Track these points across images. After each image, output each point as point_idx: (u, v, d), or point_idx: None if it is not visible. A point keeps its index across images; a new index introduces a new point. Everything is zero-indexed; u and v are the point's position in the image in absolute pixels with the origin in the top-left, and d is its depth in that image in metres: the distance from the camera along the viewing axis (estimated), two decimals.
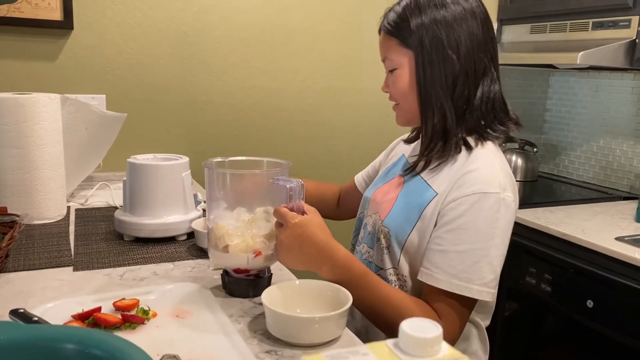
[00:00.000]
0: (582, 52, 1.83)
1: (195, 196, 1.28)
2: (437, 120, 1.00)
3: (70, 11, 1.71)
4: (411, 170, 1.05)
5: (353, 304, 0.84)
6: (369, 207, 1.14)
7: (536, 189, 2.30)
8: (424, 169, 1.03)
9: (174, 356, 0.68)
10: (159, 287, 0.97)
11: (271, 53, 2.05)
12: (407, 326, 0.36)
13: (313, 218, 0.91)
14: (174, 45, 1.90)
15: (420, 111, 1.01)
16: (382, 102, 2.25)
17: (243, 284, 0.95)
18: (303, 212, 0.91)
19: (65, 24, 1.71)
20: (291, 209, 0.90)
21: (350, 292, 0.85)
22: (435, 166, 1.01)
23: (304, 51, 2.09)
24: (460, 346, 1.03)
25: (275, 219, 0.92)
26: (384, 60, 1.06)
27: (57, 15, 1.70)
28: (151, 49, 1.87)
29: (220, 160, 0.99)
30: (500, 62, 2.48)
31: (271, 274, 0.99)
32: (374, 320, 0.94)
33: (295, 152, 2.14)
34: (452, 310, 0.91)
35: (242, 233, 0.93)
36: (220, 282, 0.99)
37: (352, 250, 1.19)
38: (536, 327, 1.78)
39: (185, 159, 1.25)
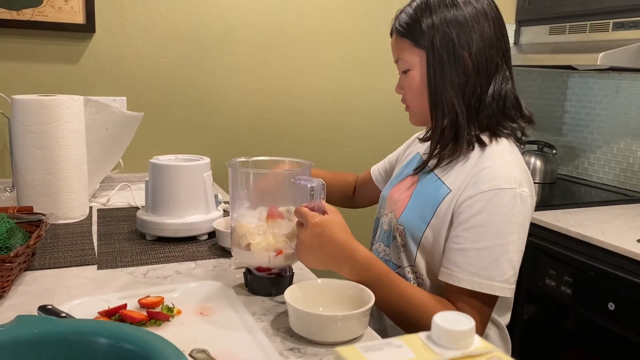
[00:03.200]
0: (602, 53, 1.81)
1: (216, 196, 1.29)
2: (448, 119, 1.00)
3: (92, 14, 1.74)
4: (422, 167, 1.06)
5: (375, 303, 0.84)
6: (385, 206, 1.15)
7: (555, 191, 2.28)
8: (435, 167, 1.04)
9: (203, 350, 0.69)
10: (182, 285, 0.98)
11: (287, 55, 2.06)
12: (440, 319, 0.36)
13: (333, 218, 0.91)
14: (193, 48, 1.92)
15: (431, 110, 1.02)
16: (398, 103, 2.24)
17: (265, 282, 0.96)
18: (324, 212, 0.91)
19: (87, 27, 1.74)
20: (312, 209, 0.91)
21: (372, 291, 0.85)
22: (447, 163, 1.02)
23: (319, 53, 2.10)
24: None
25: (297, 219, 0.92)
26: (397, 62, 1.07)
27: (79, 18, 1.73)
28: (170, 52, 1.89)
29: (243, 159, 1.00)
30: (518, 63, 2.47)
31: (293, 273, 0.99)
32: (397, 320, 0.94)
33: (311, 153, 2.15)
34: (474, 308, 0.91)
35: (263, 232, 0.94)
36: (242, 281, 1.00)
37: (370, 248, 1.19)
38: (556, 330, 1.76)
39: (206, 160, 1.27)
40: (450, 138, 1.01)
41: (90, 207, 1.48)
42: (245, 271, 0.99)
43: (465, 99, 1.00)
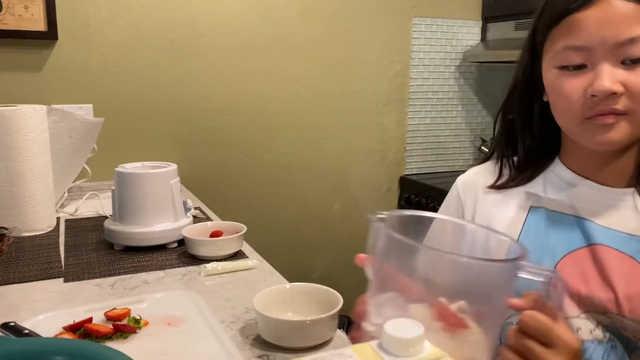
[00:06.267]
0: None
1: (185, 203, 1.28)
2: None
3: (54, 22, 1.71)
4: None
5: None
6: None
7: None
8: None
9: None
10: (150, 295, 0.97)
11: (258, 58, 2.05)
12: (390, 327, 0.36)
13: (576, 337, 0.59)
14: (161, 53, 1.90)
15: None
16: (371, 104, 2.26)
17: None
18: None
19: (49, 35, 1.71)
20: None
21: None
22: None
23: (291, 55, 2.10)
24: None
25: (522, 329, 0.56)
26: (622, 44, 0.69)
27: (40, 26, 1.70)
28: (137, 57, 1.87)
29: (388, 215, 0.58)
30: (486, 59, 2.49)
31: None
32: None
33: (286, 154, 2.15)
34: None
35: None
36: (212, 288, 0.99)
37: None
38: None
39: (173, 166, 1.25)
40: None
41: (58, 218, 1.45)
42: None
43: None
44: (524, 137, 0.86)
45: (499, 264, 0.55)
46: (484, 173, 0.91)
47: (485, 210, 0.86)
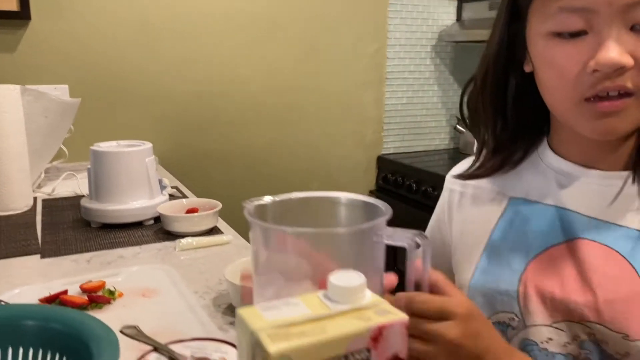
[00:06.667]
0: None
1: (160, 181, 1.30)
2: None
3: (26, 1, 1.69)
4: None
5: None
6: (533, 310, 0.66)
7: None
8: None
9: (134, 327, 0.71)
10: (125, 269, 0.99)
11: (236, 39, 2.05)
12: (335, 278, 0.39)
13: (465, 298, 0.55)
14: (137, 34, 1.90)
15: None
16: (348, 84, 2.28)
17: None
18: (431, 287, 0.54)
19: (22, 14, 1.70)
20: (416, 283, 0.52)
21: None
22: None
23: (268, 36, 2.10)
24: None
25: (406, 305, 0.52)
26: (634, 5, 0.56)
27: (12, 5, 1.68)
28: (113, 38, 1.86)
29: (264, 202, 0.55)
30: (462, 39, 2.51)
31: None
32: None
33: (264, 134, 2.16)
34: None
35: None
36: (187, 262, 1.02)
37: None
38: None
39: (148, 145, 1.27)
40: None
41: (35, 198, 1.46)
42: None
43: None
44: (497, 116, 0.72)
45: (355, 229, 0.49)
46: (465, 167, 0.80)
47: (464, 206, 0.78)
